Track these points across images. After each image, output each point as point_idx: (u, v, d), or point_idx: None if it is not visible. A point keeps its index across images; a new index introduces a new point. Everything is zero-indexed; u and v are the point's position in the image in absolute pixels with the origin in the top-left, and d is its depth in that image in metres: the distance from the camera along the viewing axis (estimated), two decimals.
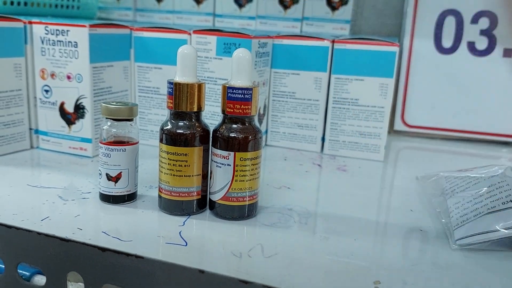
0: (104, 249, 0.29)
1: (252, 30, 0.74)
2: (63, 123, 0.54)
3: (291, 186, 0.48)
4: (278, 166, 0.55)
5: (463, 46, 0.69)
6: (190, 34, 0.55)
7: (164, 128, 0.38)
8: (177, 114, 0.38)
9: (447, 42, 0.70)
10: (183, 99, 0.37)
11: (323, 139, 0.61)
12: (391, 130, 0.74)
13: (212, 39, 0.54)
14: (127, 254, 0.28)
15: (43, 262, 0.31)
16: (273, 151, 0.61)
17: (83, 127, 0.53)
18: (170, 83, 0.37)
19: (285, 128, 0.62)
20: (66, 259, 0.30)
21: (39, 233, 0.30)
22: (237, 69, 0.37)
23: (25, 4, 0.62)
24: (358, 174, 0.54)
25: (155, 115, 0.59)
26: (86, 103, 0.52)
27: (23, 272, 0.32)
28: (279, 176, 0.51)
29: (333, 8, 0.72)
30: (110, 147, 0.39)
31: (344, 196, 0.46)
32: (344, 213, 0.42)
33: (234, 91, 0.37)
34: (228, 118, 0.38)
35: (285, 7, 0.74)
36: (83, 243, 0.30)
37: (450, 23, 0.69)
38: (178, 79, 0.38)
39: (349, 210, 0.43)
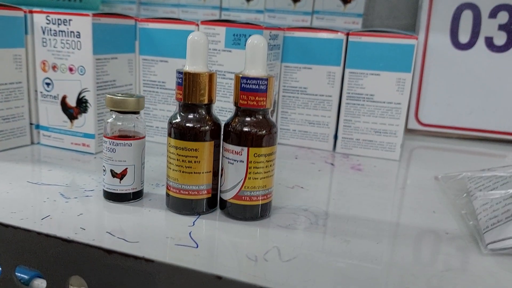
0: (110, 251, 0.26)
1: (261, 23, 0.71)
2: (65, 117, 0.51)
3: (305, 186, 0.45)
4: (289, 165, 0.52)
5: (481, 41, 0.67)
6: (197, 25, 0.53)
7: (173, 121, 0.36)
8: (186, 107, 0.36)
9: (464, 37, 0.67)
10: (193, 90, 0.35)
11: (335, 137, 0.58)
12: (405, 129, 0.71)
13: (221, 30, 0.52)
14: (136, 257, 0.26)
15: (43, 264, 0.28)
16: (283, 149, 0.59)
17: (86, 122, 0.51)
18: (179, 72, 0.35)
19: (296, 126, 0.60)
20: (68, 261, 0.28)
21: (39, 233, 0.28)
22: (252, 57, 0.35)
23: None
24: (373, 173, 0.51)
25: (161, 110, 0.56)
26: (89, 96, 0.50)
27: (22, 275, 0.30)
28: (290, 175, 0.48)
29: (345, 1, 0.70)
30: (115, 141, 0.36)
31: (361, 197, 0.44)
32: (362, 215, 0.39)
33: (248, 81, 0.34)
34: (241, 111, 0.36)
35: (295, 0, 0.72)
36: (87, 245, 0.27)
37: (467, 18, 0.67)
38: (188, 68, 0.35)
39: (367, 211, 0.40)
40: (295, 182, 0.46)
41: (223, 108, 0.54)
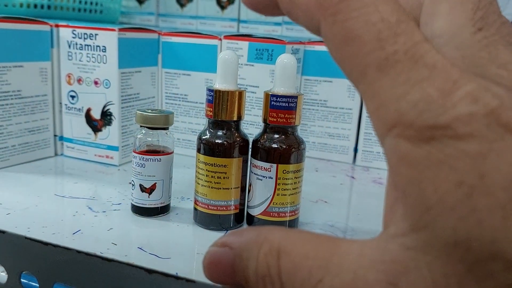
0: (151, 271, 0.26)
1: (278, 35, 0.72)
2: (89, 130, 0.52)
3: (328, 200, 0.46)
4: (311, 178, 0.52)
5: None
6: (220, 39, 0.54)
7: (202, 137, 0.36)
8: (216, 123, 0.36)
9: None
10: (223, 107, 0.35)
11: (355, 149, 0.59)
12: None
13: (244, 44, 0.53)
14: (176, 278, 0.26)
15: (81, 281, 0.29)
16: None
17: (110, 134, 0.51)
18: (210, 90, 0.35)
19: (316, 138, 0.60)
20: (107, 279, 0.28)
21: (78, 252, 0.28)
22: (281, 76, 0.35)
23: (49, 7, 0.60)
24: None
25: (182, 122, 0.57)
26: (114, 109, 0.50)
27: None
28: (313, 189, 0.49)
29: None
30: (145, 156, 0.37)
31: None
32: None
33: (278, 99, 0.35)
34: (269, 128, 0.36)
35: None
36: (127, 264, 0.27)
37: None
38: (218, 86, 0.36)
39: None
40: (318, 196, 0.46)
41: (245, 121, 0.54)
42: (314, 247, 0.14)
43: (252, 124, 0.54)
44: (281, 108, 0.35)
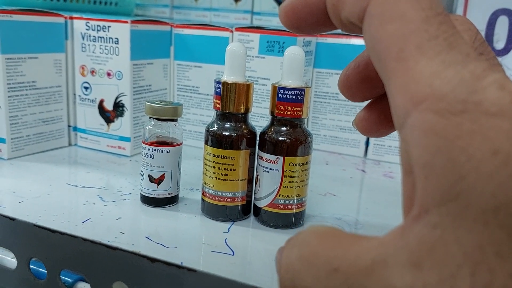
0: (153, 260, 0.27)
1: None
2: (102, 121, 0.53)
3: (337, 193, 0.45)
4: (320, 171, 0.52)
5: None
6: (232, 31, 0.54)
7: (210, 129, 0.36)
8: (223, 115, 0.36)
9: (499, 44, 0.66)
10: (231, 99, 0.35)
11: (367, 143, 0.58)
12: None
13: (255, 37, 0.52)
14: (178, 266, 0.26)
15: (88, 269, 0.29)
16: (313, 155, 0.58)
17: (122, 125, 0.52)
18: (218, 82, 0.36)
19: (327, 131, 0.60)
20: (112, 267, 0.29)
21: (84, 239, 0.29)
22: (289, 68, 0.35)
23: (65, 0, 0.61)
24: None
25: (194, 114, 0.57)
26: (126, 101, 0.51)
27: (66, 278, 0.31)
28: (322, 182, 0.49)
29: None
30: (154, 147, 0.37)
31: (394, 206, 0.43)
32: (395, 224, 0.39)
33: (285, 91, 0.35)
34: (276, 120, 0.36)
35: None
36: (132, 252, 0.28)
37: (502, 23, 0.66)
38: (226, 78, 0.36)
39: (400, 220, 0.40)
40: (327, 189, 0.46)
41: (255, 113, 0.54)
42: (336, 240, 0.15)
43: (262, 117, 0.54)
44: (288, 101, 0.35)
